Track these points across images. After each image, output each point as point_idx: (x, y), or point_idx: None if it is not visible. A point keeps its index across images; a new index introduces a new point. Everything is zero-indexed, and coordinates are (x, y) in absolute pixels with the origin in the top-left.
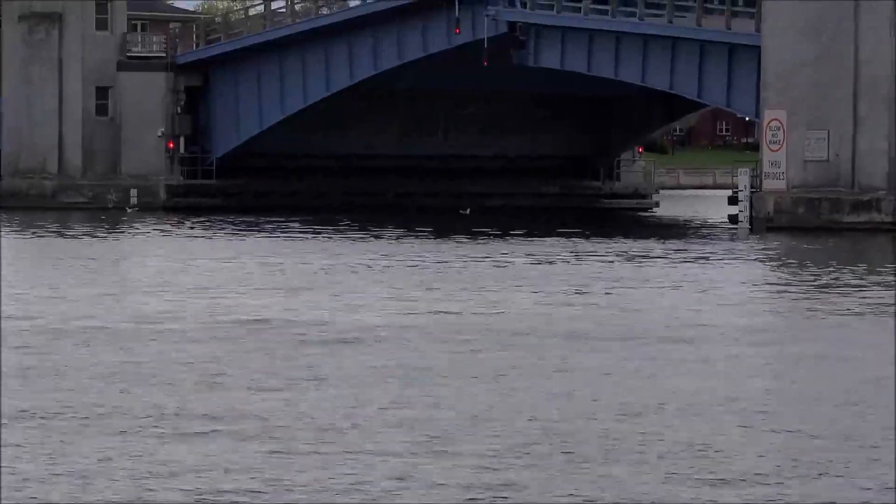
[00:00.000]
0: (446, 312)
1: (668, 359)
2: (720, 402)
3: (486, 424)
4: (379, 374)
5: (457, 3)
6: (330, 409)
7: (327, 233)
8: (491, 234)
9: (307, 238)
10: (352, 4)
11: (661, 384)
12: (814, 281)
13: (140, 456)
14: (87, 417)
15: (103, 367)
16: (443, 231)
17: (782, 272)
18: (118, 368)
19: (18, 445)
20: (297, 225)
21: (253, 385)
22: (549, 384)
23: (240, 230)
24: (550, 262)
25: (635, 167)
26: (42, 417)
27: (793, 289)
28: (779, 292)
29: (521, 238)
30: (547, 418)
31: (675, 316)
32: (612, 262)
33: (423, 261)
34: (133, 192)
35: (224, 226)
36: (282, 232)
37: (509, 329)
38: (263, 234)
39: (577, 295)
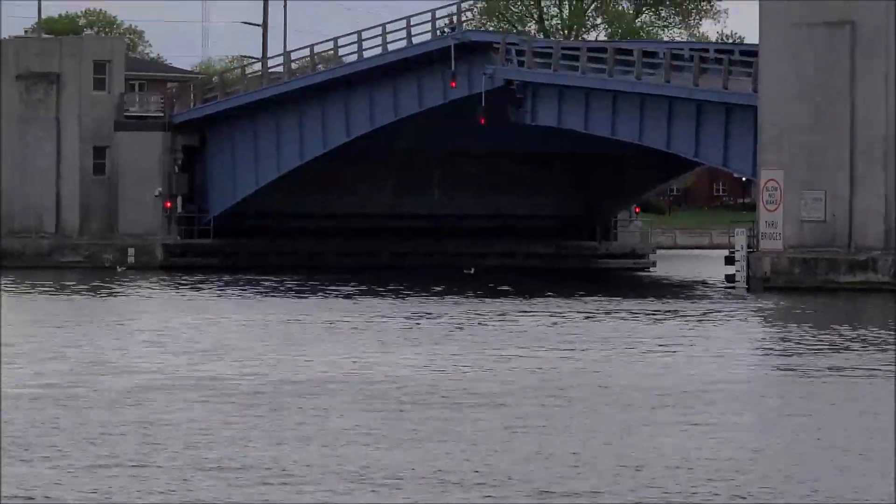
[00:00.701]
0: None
1: (654, 419)
2: (706, 462)
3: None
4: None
5: (453, 58)
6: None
7: (352, 293)
8: (502, 294)
9: (326, 297)
10: (347, 61)
11: (645, 444)
12: (807, 341)
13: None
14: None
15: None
16: (461, 290)
17: (777, 332)
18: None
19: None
20: (299, 284)
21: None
22: (523, 442)
23: (256, 290)
24: (553, 323)
25: (632, 227)
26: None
27: (785, 348)
28: (771, 352)
29: (520, 298)
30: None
31: (665, 376)
32: (616, 322)
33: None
34: (130, 251)
35: (227, 285)
36: (287, 291)
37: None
38: (277, 294)
39: (572, 352)
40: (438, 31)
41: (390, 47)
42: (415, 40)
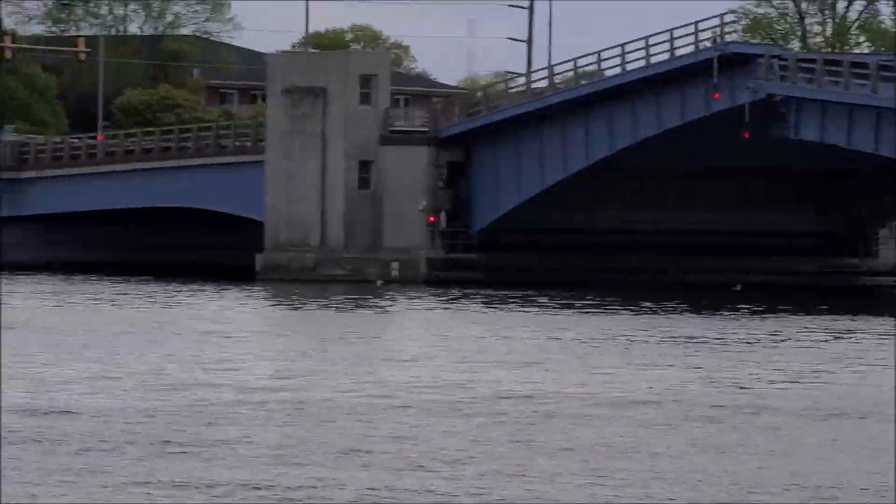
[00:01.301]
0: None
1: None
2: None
3: None
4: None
5: (715, 70)
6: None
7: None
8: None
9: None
10: (608, 75)
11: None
12: None
13: None
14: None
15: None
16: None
17: None
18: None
19: None
20: (569, 300)
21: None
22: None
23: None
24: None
25: (893, 244)
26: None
27: None
28: None
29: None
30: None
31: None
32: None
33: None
34: (394, 265)
35: (496, 300)
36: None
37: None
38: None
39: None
40: (700, 44)
41: (652, 60)
42: (677, 53)
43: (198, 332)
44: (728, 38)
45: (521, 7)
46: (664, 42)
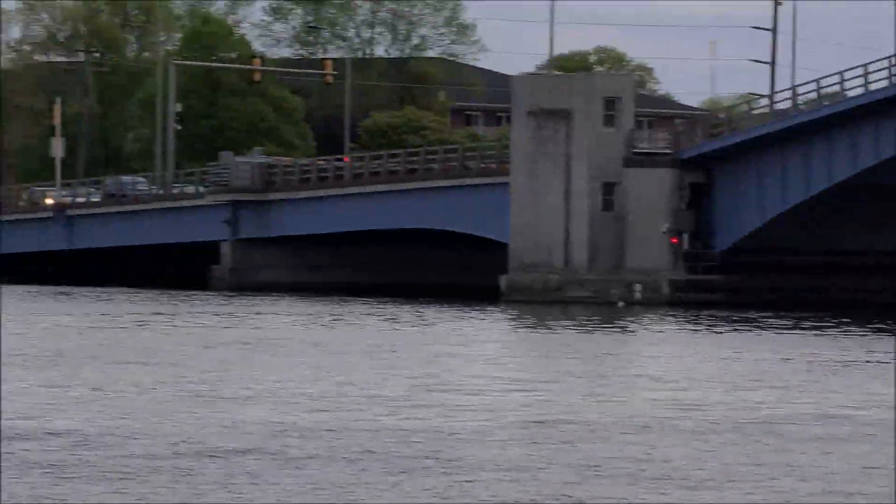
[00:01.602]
0: None
1: None
2: None
3: None
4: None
5: None
6: None
7: None
8: None
9: None
10: (851, 95)
11: None
12: None
13: None
14: None
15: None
16: None
17: None
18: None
19: None
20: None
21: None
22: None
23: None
24: None
25: None
26: None
27: None
28: None
29: None
30: None
31: None
32: None
33: None
34: (637, 287)
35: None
36: None
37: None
38: None
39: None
40: None
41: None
42: None
43: (440, 353)
44: None
45: (765, 29)
46: None
